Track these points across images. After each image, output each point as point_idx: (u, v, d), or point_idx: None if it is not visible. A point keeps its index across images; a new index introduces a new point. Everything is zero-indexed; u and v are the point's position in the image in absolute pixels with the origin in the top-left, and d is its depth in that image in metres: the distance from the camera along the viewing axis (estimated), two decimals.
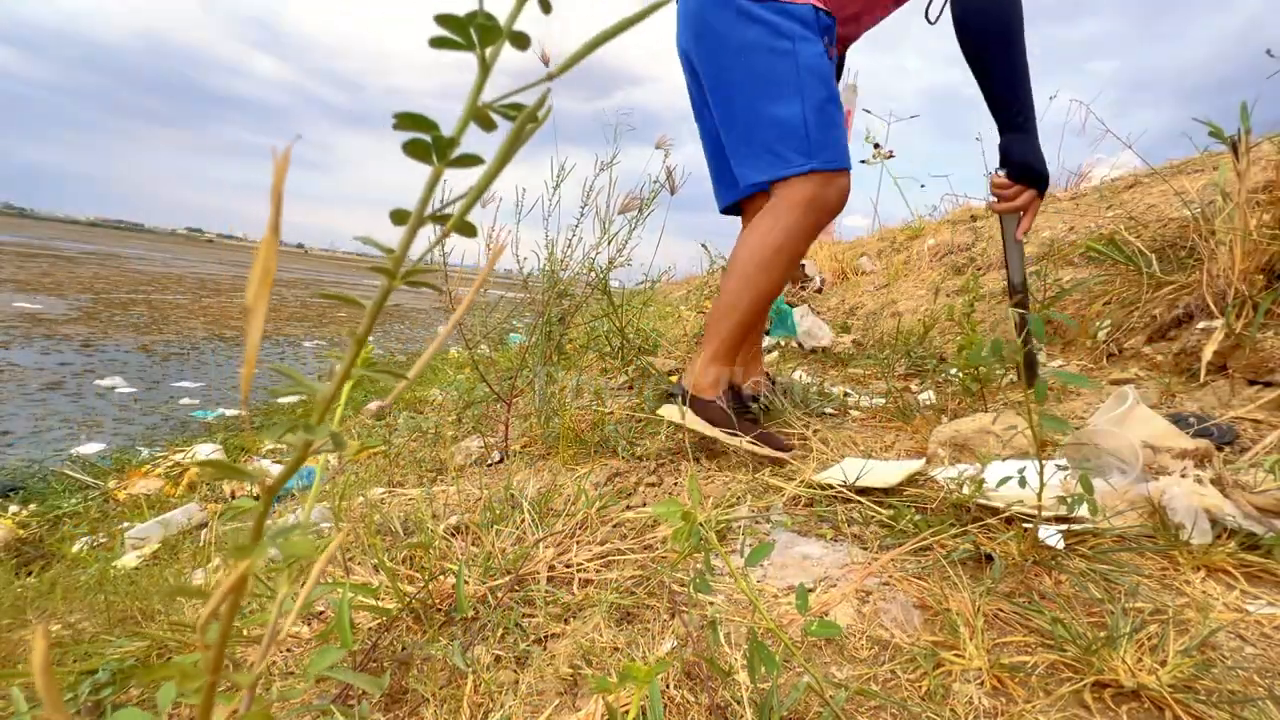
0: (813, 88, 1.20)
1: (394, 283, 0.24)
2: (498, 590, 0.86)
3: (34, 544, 2.09)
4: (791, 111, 1.20)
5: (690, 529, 0.51)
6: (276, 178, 0.21)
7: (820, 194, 1.23)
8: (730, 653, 0.71)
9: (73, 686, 0.78)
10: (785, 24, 1.19)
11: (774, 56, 1.20)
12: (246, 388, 0.24)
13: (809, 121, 1.20)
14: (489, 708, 0.67)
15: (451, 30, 0.22)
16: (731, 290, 1.29)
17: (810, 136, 1.20)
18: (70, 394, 4.46)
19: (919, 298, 2.78)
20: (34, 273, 12.91)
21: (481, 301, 1.82)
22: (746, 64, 1.23)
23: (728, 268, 1.33)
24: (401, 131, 0.23)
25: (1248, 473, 0.96)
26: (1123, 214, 2.22)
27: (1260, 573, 0.80)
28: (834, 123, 1.22)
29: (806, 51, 1.19)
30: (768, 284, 1.27)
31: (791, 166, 1.22)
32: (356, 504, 1.28)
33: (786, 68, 1.20)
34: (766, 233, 1.26)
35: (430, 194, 0.24)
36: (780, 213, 1.25)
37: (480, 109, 0.23)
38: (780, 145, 1.22)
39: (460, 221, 0.25)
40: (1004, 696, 0.63)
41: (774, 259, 1.25)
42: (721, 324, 1.31)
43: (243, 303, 0.24)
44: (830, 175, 1.23)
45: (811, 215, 1.24)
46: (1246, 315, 1.30)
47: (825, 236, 4.78)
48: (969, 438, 1.19)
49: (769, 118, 1.22)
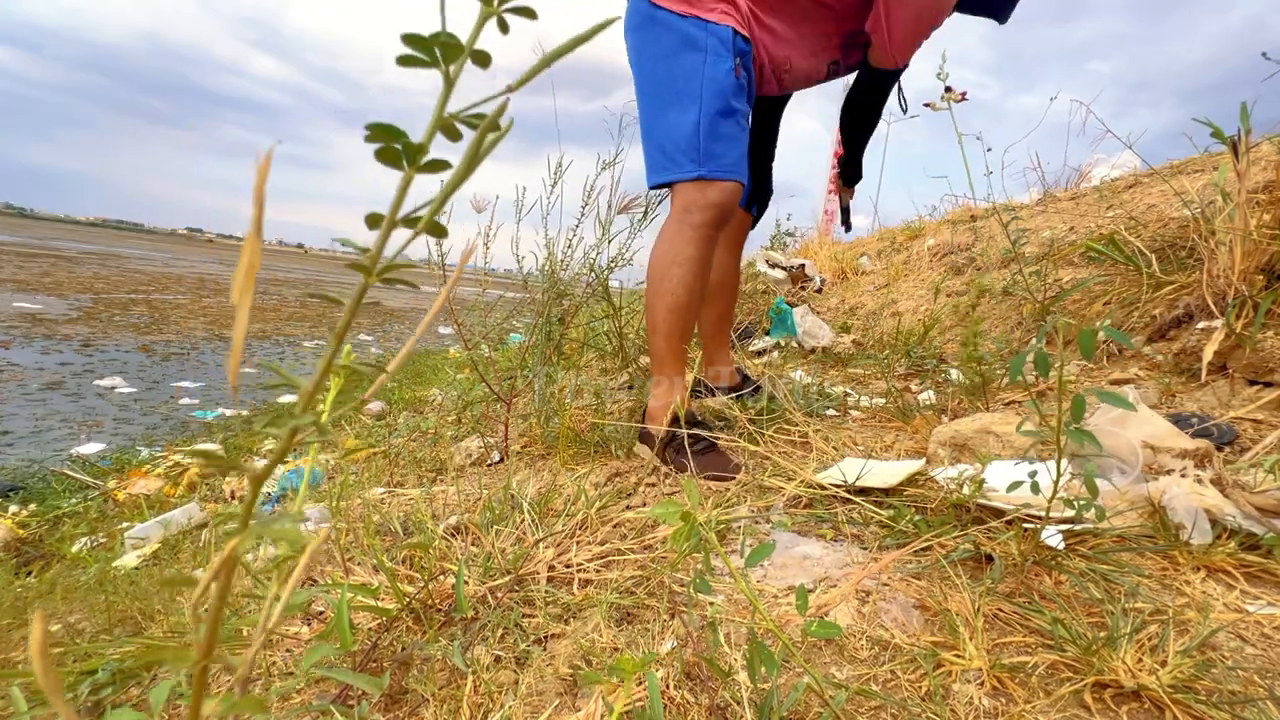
0: (711, 99, 1.23)
1: (370, 279, 0.26)
2: (497, 590, 0.86)
3: (34, 544, 2.09)
4: (688, 118, 1.24)
5: (690, 529, 0.51)
6: (258, 178, 0.22)
7: (699, 200, 1.26)
8: (730, 653, 0.71)
9: (73, 686, 0.78)
10: (702, 38, 1.23)
11: (684, 65, 1.24)
12: (234, 377, 0.25)
13: (701, 130, 1.23)
14: (489, 708, 0.67)
15: (416, 49, 0.24)
16: (649, 309, 1.32)
17: (699, 145, 1.23)
18: (70, 394, 4.46)
19: (919, 298, 2.78)
20: (34, 273, 12.91)
21: (481, 301, 1.82)
22: (658, 69, 1.27)
23: (645, 290, 1.35)
24: (374, 142, 0.24)
25: (1248, 473, 0.96)
26: (1123, 214, 2.22)
27: (1260, 573, 0.80)
28: (726, 136, 1.25)
29: (713, 66, 1.23)
30: (674, 296, 1.28)
31: (681, 171, 1.25)
32: (356, 504, 1.28)
33: (693, 77, 1.23)
34: (662, 245, 1.29)
35: (402, 197, 0.25)
36: (670, 221, 1.29)
37: (446, 119, 0.25)
38: (674, 149, 1.25)
39: (430, 223, 0.26)
40: (1004, 697, 0.63)
41: (670, 269, 1.27)
42: (651, 347, 1.33)
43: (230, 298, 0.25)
44: (713, 183, 1.25)
45: (691, 222, 1.26)
46: (1246, 315, 1.30)
47: (825, 236, 4.78)
48: (969, 438, 1.19)
49: (668, 122, 1.26)
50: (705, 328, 1.69)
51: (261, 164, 0.22)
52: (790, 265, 3.50)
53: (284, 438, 0.26)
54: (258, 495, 0.27)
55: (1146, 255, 1.69)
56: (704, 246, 1.28)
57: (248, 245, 0.24)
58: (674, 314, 1.28)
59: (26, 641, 0.97)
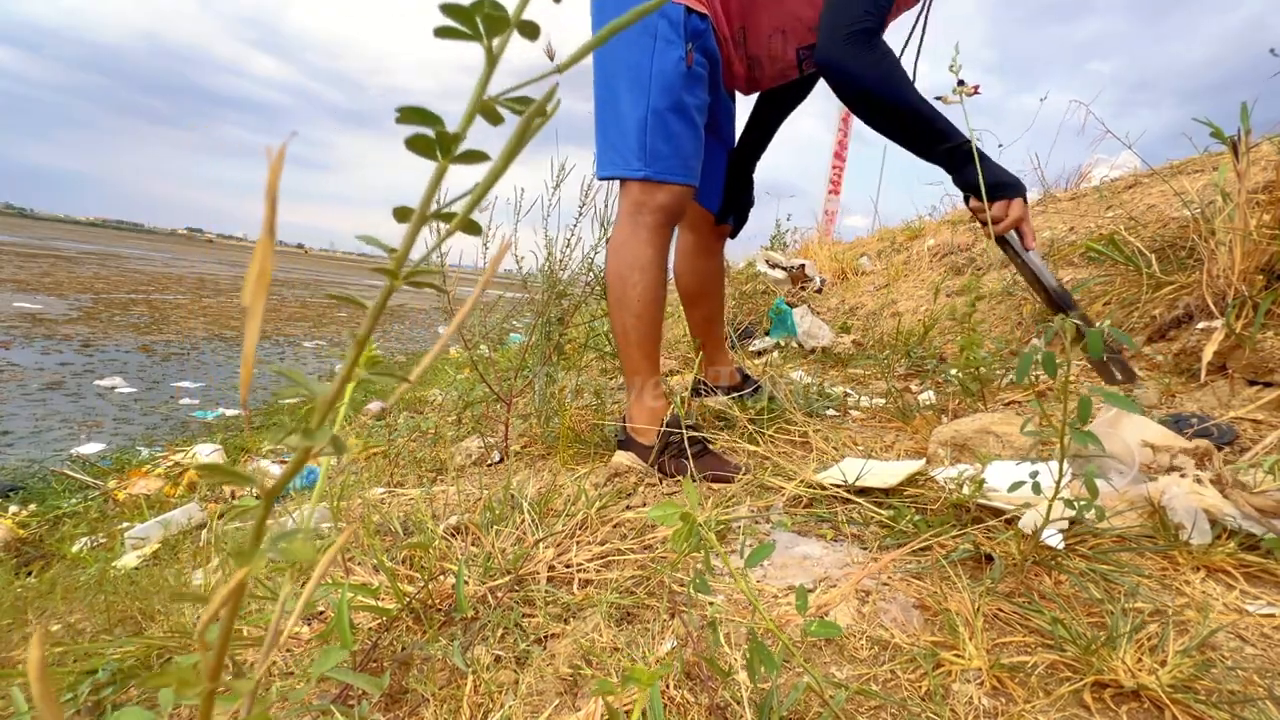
0: (658, 93, 1.16)
1: (396, 283, 0.24)
2: (498, 590, 0.86)
3: (34, 544, 2.09)
4: (636, 113, 1.17)
5: (689, 530, 0.51)
6: (271, 176, 0.21)
7: (648, 202, 1.21)
8: (730, 653, 0.71)
9: (73, 686, 0.78)
10: (651, 19, 1.15)
11: (632, 52, 1.17)
12: (245, 391, 0.23)
13: (648, 126, 1.17)
14: (489, 708, 0.67)
15: (457, 20, 0.21)
16: (615, 317, 1.27)
17: (646, 143, 1.17)
18: (70, 394, 4.46)
19: (919, 298, 2.78)
20: (34, 273, 12.91)
21: (481, 301, 1.82)
22: (610, 55, 1.20)
23: (606, 298, 1.30)
24: (405, 126, 0.22)
25: (1247, 473, 0.96)
26: (1123, 214, 2.22)
27: (1260, 573, 0.80)
28: (674, 134, 1.18)
29: (662, 54, 1.15)
30: (640, 302, 1.23)
31: (628, 169, 1.20)
32: (356, 504, 1.28)
33: (641, 66, 1.16)
34: (618, 248, 1.24)
35: (434, 191, 0.23)
36: (622, 220, 1.24)
37: (487, 102, 0.22)
38: (621, 144, 1.20)
39: (465, 220, 0.24)
40: (1004, 696, 0.63)
41: (631, 275, 1.22)
42: (624, 355, 1.28)
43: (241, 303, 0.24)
44: (659, 185, 1.20)
45: (643, 222, 1.21)
46: (1246, 315, 1.30)
47: (824, 236, 4.78)
48: (969, 438, 1.19)
49: (618, 113, 1.20)
50: (695, 330, 1.68)
51: (274, 161, 0.20)
52: (790, 265, 3.50)
53: (299, 454, 0.25)
54: (268, 514, 0.26)
55: (1146, 255, 1.69)
56: (660, 245, 1.24)
57: (259, 249, 0.22)
58: (642, 320, 1.24)
59: (27, 642, 0.97)
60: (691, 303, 1.65)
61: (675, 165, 1.20)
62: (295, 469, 0.26)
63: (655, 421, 1.27)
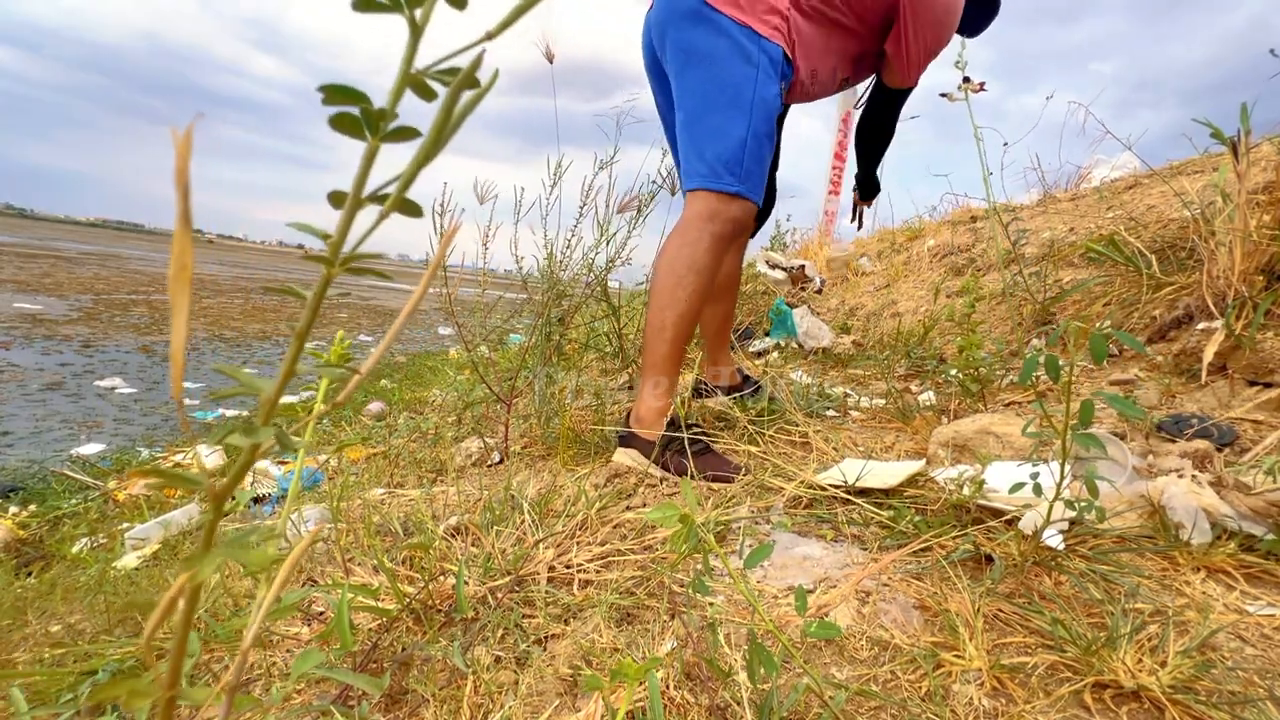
0: (759, 119, 1.24)
1: (332, 271, 0.22)
2: (498, 591, 0.86)
3: (34, 544, 2.09)
4: (736, 131, 1.24)
5: (688, 531, 0.51)
6: (179, 160, 0.19)
7: (723, 212, 1.27)
8: (730, 654, 0.71)
9: (73, 687, 0.78)
10: (755, 52, 1.23)
11: (736, 75, 1.23)
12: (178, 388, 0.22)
13: (748, 147, 1.24)
14: (489, 708, 0.67)
15: None
16: (657, 311, 1.30)
17: (744, 162, 1.24)
18: (70, 394, 4.47)
19: (919, 298, 2.78)
20: (34, 273, 12.91)
21: (481, 302, 1.82)
22: (710, 74, 1.25)
23: (650, 290, 1.33)
24: (331, 106, 0.21)
25: (1248, 474, 0.96)
26: (1122, 215, 2.22)
27: (1260, 573, 0.80)
28: (763, 158, 1.28)
29: (765, 85, 1.24)
30: (688, 303, 1.28)
31: (722, 183, 1.25)
32: (356, 505, 1.28)
33: (745, 90, 1.23)
34: (680, 249, 1.28)
35: (366, 172, 0.22)
36: (690, 225, 1.28)
37: (414, 75, 0.21)
38: (716, 159, 1.25)
39: (400, 200, 0.22)
40: (1004, 697, 0.63)
41: (688, 277, 1.27)
42: (653, 350, 1.30)
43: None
44: (746, 204, 1.28)
45: (714, 231, 1.27)
46: (1246, 316, 1.30)
47: (825, 237, 4.79)
48: (969, 438, 1.19)
49: (713, 128, 1.26)
50: (709, 328, 1.69)
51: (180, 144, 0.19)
52: (790, 266, 3.50)
53: (245, 453, 0.24)
54: (220, 515, 0.25)
55: (1146, 256, 1.69)
56: (720, 256, 1.30)
57: (176, 241, 0.21)
58: (684, 320, 1.28)
59: (26, 642, 0.97)
60: (715, 298, 1.66)
61: (758, 186, 1.28)
62: (243, 470, 0.25)
63: (661, 419, 1.29)
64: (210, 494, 0.24)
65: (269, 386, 0.24)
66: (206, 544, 0.24)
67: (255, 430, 0.23)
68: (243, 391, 0.24)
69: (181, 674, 0.26)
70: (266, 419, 0.24)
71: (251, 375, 0.25)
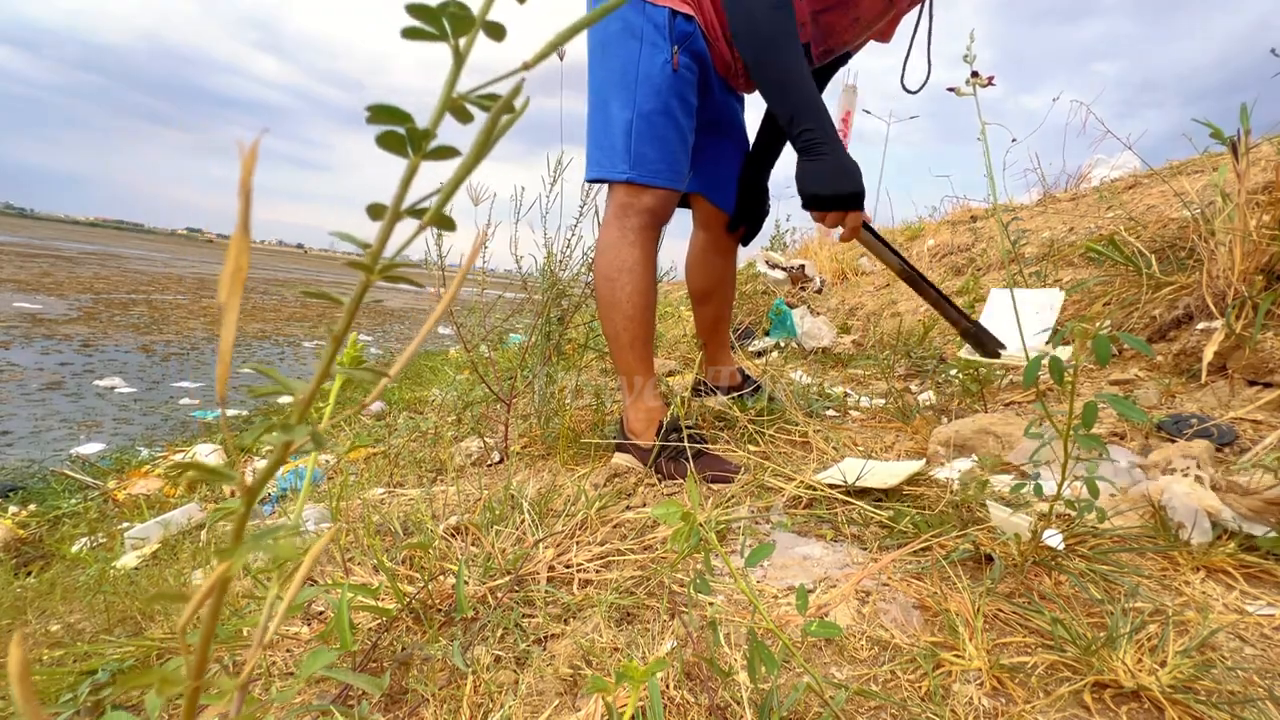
0: (645, 97, 1.16)
1: (371, 278, 0.24)
2: (497, 590, 0.86)
3: (34, 544, 2.09)
4: (623, 116, 1.18)
5: (690, 530, 0.51)
6: (244, 171, 0.21)
7: (634, 204, 1.22)
8: (730, 653, 0.71)
9: (73, 687, 0.78)
10: (638, 23, 1.16)
11: (620, 55, 1.18)
12: (222, 387, 0.23)
13: (634, 130, 1.17)
14: (489, 708, 0.67)
15: (424, 20, 0.22)
16: (605, 320, 1.27)
17: (632, 146, 1.18)
18: (70, 394, 4.46)
19: (919, 298, 2.78)
20: (34, 273, 12.91)
21: (480, 302, 1.82)
22: (600, 58, 1.21)
23: (595, 299, 1.30)
24: (376, 125, 0.22)
25: (1248, 473, 0.96)
26: (1122, 215, 2.22)
27: (1260, 573, 0.80)
28: (659, 138, 1.18)
29: (649, 58, 1.16)
30: (630, 304, 1.23)
31: (614, 171, 1.21)
32: (356, 504, 1.28)
33: (627, 69, 1.17)
34: (605, 250, 1.25)
35: (406, 187, 0.23)
36: (609, 222, 1.25)
37: (455, 100, 0.23)
38: (608, 146, 1.21)
39: (438, 215, 0.24)
40: (1004, 697, 0.63)
41: (620, 278, 1.23)
42: (617, 358, 1.28)
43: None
44: (644, 188, 1.20)
45: (629, 224, 1.22)
46: (1246, 316, 1.30)
47: (825, 237, 4.79)
48: (969, 438, 1.19)
49: (607, 115, 1.21)
50: (703, 329, 1.68)
51: (246, 156, 0.20)
52: (790, 266, 3.50)
53: (278, 450, 0.25)
54: (250, 511, 0.26)
55: (1146, 256, 1.69)
56: (647, 247, 1.25)
57: (234, 245, 0.22)
58: (633, 321, 1.25)
59: (26, 642, 0.97)
60: (700, 300, 1.64)
61: (661, 169, 1.20)
62: (275, 465, 0.26)
63: (652, 423, 1.27)
64: (242, 489, 0.24)
65: (302, 386, 0.25)
66: (237, 537, 0.25)
67: (292, 428, 0.24)
68: (277, 390, 0.25)
69: (207, 664, 0.26)
70: (301, 417, 0.24)
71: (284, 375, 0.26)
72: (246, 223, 0.22)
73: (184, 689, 0.26)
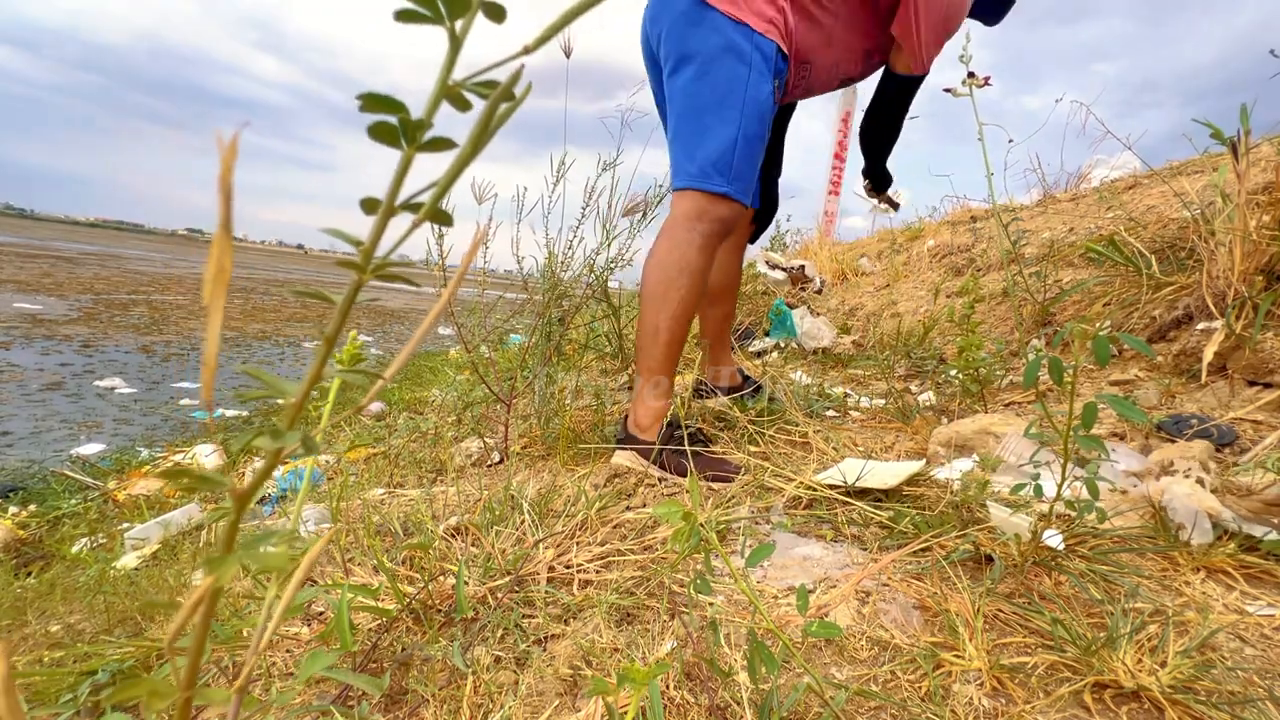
0: (750, 119, 1.23)
1: (364, 277, 0.23)
2: (498, 591, 0.86)
3: (34, 545, 2.09)
4: (726, 132, 1.23)
5: (690, 530, 0.51)
6: (224, 167, 0.19)
7: (710, 211, 1.26)
8: (730, 653, 0.71)
9: (73, 687, 0.78)
10: (748, 50, 1.21)
11: (728, 74, 1.22)
12: (208, 392, 0.22)
13: (738, 148, 1.23)
14: (489, 708, 0.67)
15: (418, 3, 0.21)
16: (650, 313, 1.29)
17: (733, 163, 1.23)
18: (70, 394, 4.46)
19: (919, 299, 2.78)
20: (34, 273, 12.91)
21: (481, 302, 1.82)
22: (701, 72, 1.24)
23: (641, 293, 1.33)
24: (369, 115, 0.21)
25: (1248, 474, 0.96)
26: (1122, 215, 2.22)
27: (1260, 574, 0.80)
28: (753, 158, 1.26)
29: (757, 84, 1.22)
30: (681, 304, 1.27)
31: (711, 184, 1.24)
32: (356, 505, 1.28)
33: (737, 89, 1.22)
34: (670, 250, 1.27)
35: (400, 181, 0.22)
36: (678, 225, 1.27)
37: (451, 87, 0.21)
38: (705, 159, 1.24)
39: (434, 209, 0.23)
40: (1004, 697, 0.63)
41: (679, 278, 1.26)
42: (648, 352, 1.30)
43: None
44: (735, 204, 1.26)
45: (702, 229, 1.26)
46: (1246, 316, 1.30)
47: (825, 237, 4.79)
48: (969, 438, 1.19)
49: (703, 128, 1.24)
50: (709, 328, 1.68)
51: (226, 151, 0.19)
52: (790, 266, 3.50)
53: (270, 456, 0.24)
54: (241, 518, 0.25)
55: (1146, 256, 1.69)
56: (711, 255, 1.29)
57: (216, 244, 0.21)
58: (678, 322, 1.28)
59: (25, 642, 0.97)
60: (714, 300, 1.66)
61: (747, 187, 1.27)
62: (267, 471, 0.25)
63: (658, 420, 1.29)
64: (233, 495, 0.24)
65: (294, 389, 0.24)
66: (227, 546, 0.24)
67: (282, 434, 0.23)
68: (268, 394, 0.24)
69: (198, 674, 0.26)
70: (292, 422, 0.24)
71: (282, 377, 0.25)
72: (228, 221, 0.20)
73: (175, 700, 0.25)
